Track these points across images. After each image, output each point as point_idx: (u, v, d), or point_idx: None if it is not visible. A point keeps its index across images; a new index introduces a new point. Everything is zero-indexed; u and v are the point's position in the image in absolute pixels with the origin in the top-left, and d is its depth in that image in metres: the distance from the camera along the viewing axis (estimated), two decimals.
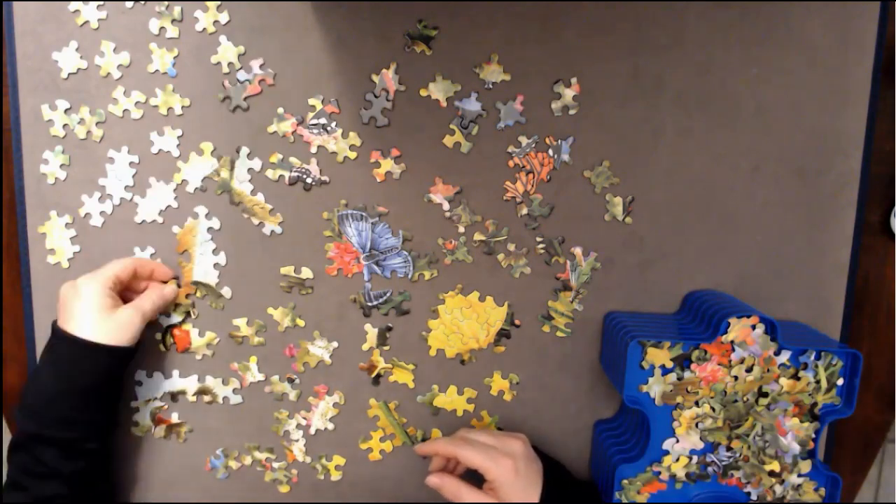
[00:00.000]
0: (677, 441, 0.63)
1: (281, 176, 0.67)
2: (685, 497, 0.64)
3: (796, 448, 0.63)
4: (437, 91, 0.65)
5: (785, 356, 0.61)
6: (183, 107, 0.66)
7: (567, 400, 0.72)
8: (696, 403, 0.62)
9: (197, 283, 0.69)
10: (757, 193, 0.68)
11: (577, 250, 0.69)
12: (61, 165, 0.67)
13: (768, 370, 0.61)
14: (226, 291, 0.69)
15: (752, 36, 0.65)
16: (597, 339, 0.70)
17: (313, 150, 0.66)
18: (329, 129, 0.66)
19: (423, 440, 0.72)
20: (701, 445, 0.63)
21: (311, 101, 0.66)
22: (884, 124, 0.68)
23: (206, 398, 0.71)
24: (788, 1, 0.65)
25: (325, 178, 0.67)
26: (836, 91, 0.66)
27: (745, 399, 0.62)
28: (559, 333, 0.70)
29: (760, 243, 0.69)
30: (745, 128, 0.67)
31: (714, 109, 0.66)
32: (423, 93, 0.66)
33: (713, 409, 0.62)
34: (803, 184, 0.68)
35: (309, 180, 0.66)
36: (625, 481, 0.63)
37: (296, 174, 0.66)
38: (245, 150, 0.66)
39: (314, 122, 0.66)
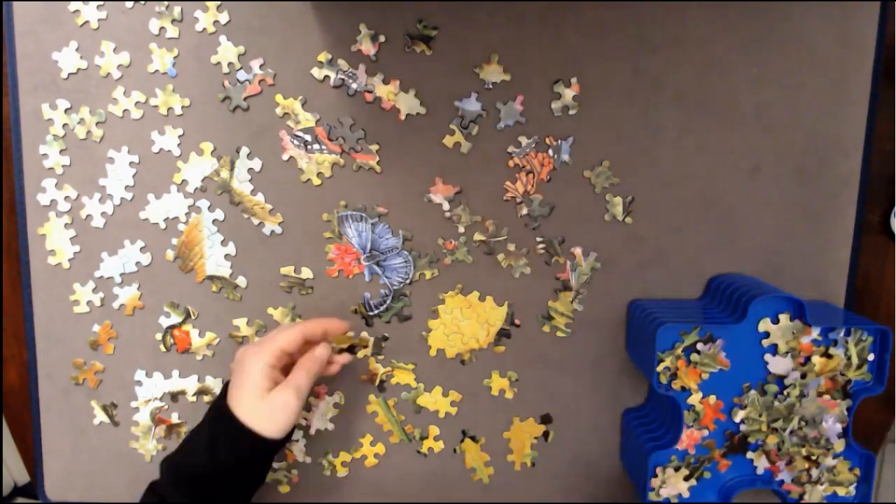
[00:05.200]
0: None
1: (326, 77, 0.65)
2: (719, 482, 0.64)
3: (838, 428, 0.63)
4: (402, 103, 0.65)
5: (815, 332, 0.61)
6: (183, 107, 0.66)
7: (568, 400, 0.72)
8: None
9: (212, 277, 0.68)
10: (757, 193, 0.68)
11: (577, 250, 0.69)
12: (61, 166, 0.67)
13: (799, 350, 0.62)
14: (241, 281, 0.69)
15: (752, 36, 0.65)
16: (596, 338, 0.70)
17: (285, 157, 0.66)
18: (309, 147, 0.66)
19: (421, 439, 0.72)
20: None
21: (306, 116, 0.66)
22: (884, 124, 0.68)
23: (207, 398, 0.71)
24: (788, 1, 0.65)
25: (369, 87, 0.65)
26: (836, 91, 0.66)
27: (785, 394, 0.62)
28: (559, 333, 0.70)
29: (760, 243, 0.69)
30: (745, 128, 0.67)
31: (714, 109, 0.66)
32: (423, 92, 0.66)
33: (757, 413, 0.62)
34: (803, 184, 0.68)
35: (354, 86, 0.65)
36: (658, 468, 0.63)
37: (341, 78, 0.65)
38: (245, 150, 0.66)
39: (299, 133, 0.66)
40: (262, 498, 0.73)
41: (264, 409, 0.57)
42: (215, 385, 0.71)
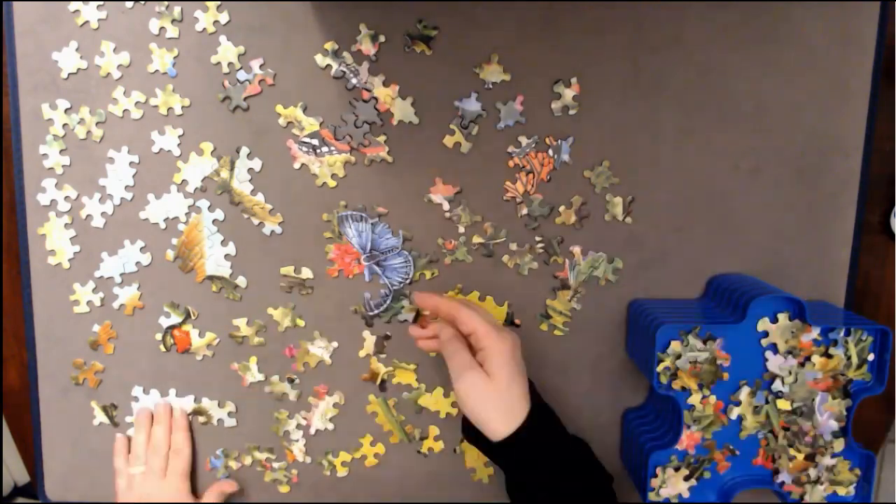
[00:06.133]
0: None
1: (328, 65, 0.65)
2: (719, 482, 0.64)
3: (833, 425, 0.63)
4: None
5: (815, 332, 0.61)
6: (183, 107, 0.66)
7: (568, 400, 0.72)
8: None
9: (212, 277, 0.68)
10: (757, 193, 0.68)
11: (576, 249, 0.69)
12: (61, 166, 0.67)
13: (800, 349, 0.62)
14: (241, 281, 0.69)
15: (752, 36, 0.65)
16: (596, 338, 0.70)
17: (296, 166, 0.66)
18: (318, 152, 0.66)
19: (421, 439, 0.72)
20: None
21: (310, 121, 0.66)
22: (884, 124, 0.68)
23: (202, 419, 0.71)
24: (788, 1, 0.65)
25: (368, 85, 0.65)
26: (836, 91, 0.66)
27: (782, 382, 0.62)
28: (556, 332, 0.70)
29: (760, 243, 0.69)
30: (745, 128, 0.67)
31: (714, 109, 0.66)
32: (422, 95, 0.66)
33: (751, 409, 0.63)
34: (803, 184, 0.68)
35: (354, 80, 0.65)
36: (658, 468, 0.63)
37: (342, 69, 0.65)
38: (245, 150, 0.66)
39: (306, 140, 0.66)
40: (262, 498, 0.73)
41: None
42: (211, 406, 0.71)
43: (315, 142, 0.66)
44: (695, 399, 0.62)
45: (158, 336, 0.70)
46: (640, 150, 0.67)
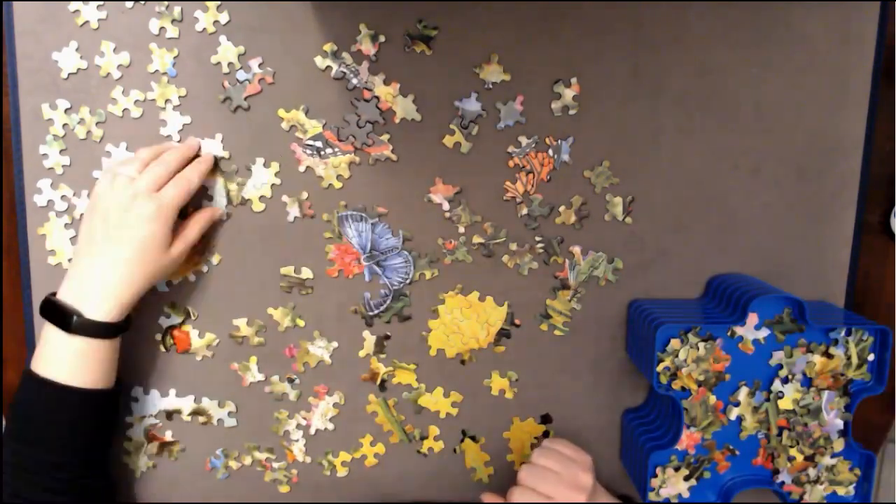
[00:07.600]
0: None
1: (328, 66, 0.65)
2: (719, 482, 0.65)
3: (839, 424, 0.63)
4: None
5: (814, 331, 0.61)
6: (180, 97, 0.65)
7: (568, 400, 0.72)
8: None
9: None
10: (757, 193, 0.68)
11: (576, 249, 0.69)
12: (61, 166, 0.67)
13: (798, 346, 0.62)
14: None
15: (752, 36, 0.65)
16: (596, 338, 0.70)
17: (301, 169, 0.66)
18: (322, 153, 0.66)
19: (421, 439, 0.72)
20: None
21: (313, 123, 0.66)
22: (884, 124, 0.68)
23: (202, 419, 0.71)
24: (788, 1, 0.65)
25: (369, 85, 0.65)
26: (836, 91, 0.66)
27: (786, 377, 0.62)
28: (557, 332, 0.70)
29: (760, 243, 0.69)
30: (745, 128, 0.67)
31: (714, 109, 0.66)
32: (422, 94, 0.66)
33: (751, 409, 0.63)
34: (803, 184, 0.68)
35: (354, 81, 0.65)
36: (658, 468, 0.64)
37: (342, 70, 0.65)
38: (261, 160, 0.66)
39: (310, 142, 0.66)
40: (262, 498, 0.73)
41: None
42: (211, 406, 0.71)
43: (319, 143, 0.66)
44: (692, 397, 0.62)
45: (158, 336, 0.70)
46: (640, 150, 0.67)
